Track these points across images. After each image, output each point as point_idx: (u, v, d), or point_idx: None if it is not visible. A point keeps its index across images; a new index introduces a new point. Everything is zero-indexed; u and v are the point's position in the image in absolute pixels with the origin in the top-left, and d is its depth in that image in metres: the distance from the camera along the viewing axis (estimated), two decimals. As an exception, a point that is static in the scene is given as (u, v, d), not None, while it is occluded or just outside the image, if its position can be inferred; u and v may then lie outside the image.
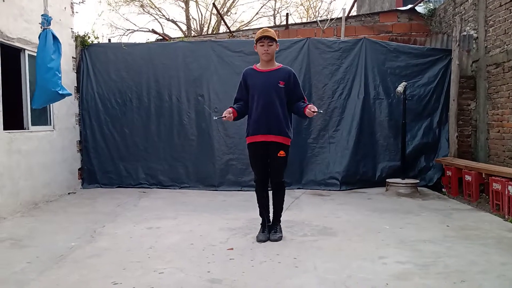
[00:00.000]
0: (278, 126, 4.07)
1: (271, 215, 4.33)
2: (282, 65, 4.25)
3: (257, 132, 4.10)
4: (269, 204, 4.30)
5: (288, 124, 4.17)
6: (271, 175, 4.20)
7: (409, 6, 9.25)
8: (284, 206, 4.37)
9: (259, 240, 4.12)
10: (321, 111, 4.19)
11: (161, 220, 5.10)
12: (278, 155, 4.09)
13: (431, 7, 9.00)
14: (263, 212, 4.28)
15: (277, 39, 4.17)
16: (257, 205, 4.31)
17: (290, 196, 6.47)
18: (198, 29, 20.71)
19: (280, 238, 4.17)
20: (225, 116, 4.06)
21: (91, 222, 5.03)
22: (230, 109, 4.12)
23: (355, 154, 7.11)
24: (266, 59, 4.13)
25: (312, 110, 3.96)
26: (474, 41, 7.12)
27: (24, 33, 5.76)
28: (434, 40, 8.24)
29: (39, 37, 5.32)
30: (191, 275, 3.35)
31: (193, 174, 7.36)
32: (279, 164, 4.13)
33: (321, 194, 6.73)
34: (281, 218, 4.35)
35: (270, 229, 4.25)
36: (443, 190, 6.83)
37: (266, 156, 4.15)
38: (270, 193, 4.30)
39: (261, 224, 4.30)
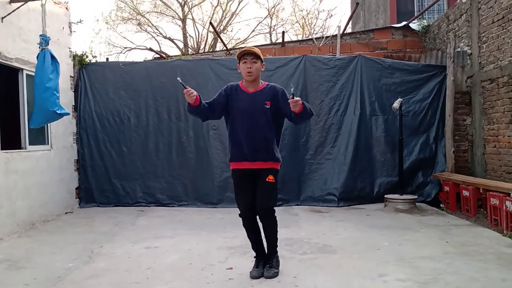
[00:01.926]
0: (265, 150, 3.67)
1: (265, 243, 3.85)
2: (267, 83, 3.84)
3: (242, 158, 3.69)
4: (261, 235, 3.81)
5: (275, 146, 3.76)
6: (257, 203, 3.64)
7: (404, 23, 9.39)
8: (284, 224, 4.29)
9: (252, 277, 3.66)
10: (292, 90, 3.51)
11: (159, 239, 5.06)
12: (267, 179, 3.64)
13: (425, 24, 9.13)
14: (255, 246, 3.81)
15: (262, 57, 3.74)
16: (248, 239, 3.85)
17: (289, 213, 6.47)
18: (195, 46, 20.91)
19: (275, 275, 3.68)
20: (187, 89, 3.58)
21: (88, 242, 5.00)
22: (196, 93, 3.63)
23: (352, 170, 7.13)
24: (250, 80, 3.70)
25: (291, 101, 3.45)
26: (468, 57, 7.21)
27: (22, 53, 5.80)
28: (429, 56, 8.34)
29: (37, 57, 5.35)
30: (190, 295, 3.32)
31: (192, 192, 7.34)
32: (267, 190, 3.65)
33: (319, 211, 6.72)
34: (277, 246, 3.85)
35: (266, 263, 3.76)
36: (441, 205, 6.84)
37: (253, 182, 3.70)
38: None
39: (254, 257, 3.84)
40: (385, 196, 6.82)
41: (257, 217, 3.74)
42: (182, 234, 5.31)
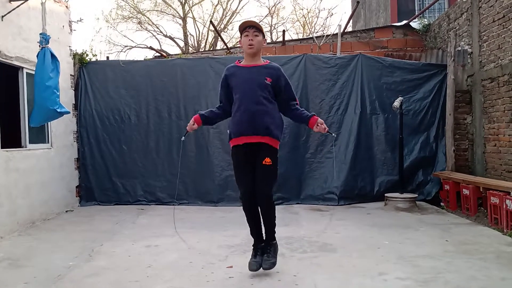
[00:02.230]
0: (265, 125, 3.57)
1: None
2: (269, 61, 3.76)
3: (240, 133, 3.61)
4: (261, 221, 3.78)
5: (278, 124, 3.68)
6: (256, 188, 3.61)
7: (404, 21, 9.39)
8: (284, 222, 4.29)
9: (251, 269, 3.63)
10: (334, 135, 3.69)
11: (160, 238, 5.07)
12: (263, 162, 3.57)
13: (426, 22, 9.13)
14: (254, 230, 3.78)
15: (264, 32, 3.73)
16: (247, 224, 3.83)
17: (289, 211, 6.47)
18: (196, 45, 20.90)
19: (272, 265, 3.65)
20: (187, 131, 3.74)
21: (89, 240, 5.00)
22: (192, 120, 3.74)
23: (353, 169, 7.13)
24: (251, 53, 3.62)
25: (323, 126, 3.59)
26: (468, 56, 7.21)
27: (22, 51, 5.80)
28: (429, 55, 8.34)
29: (37, 56, 5.35)
30: (190, 294, 3.32)
31: (192, 191, 7.34)
32: (264, 174, 3.60)
33: (319, 209, 6.72)
34: (275, 236, 3.82)
35: (263, 252, 3.72)
36: (442, 204, 6.84)
37: (253, 163, 3.64)
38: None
39: (253, 246, 3.80)
40: (386, 194, 6.83)
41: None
42: (182, 233, 5.30)
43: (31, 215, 5.86)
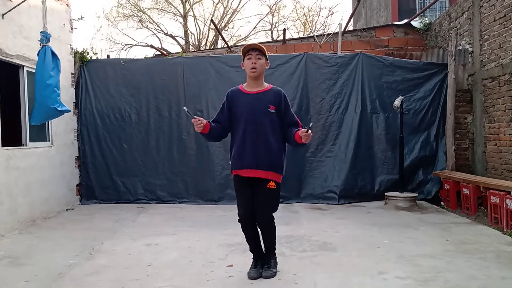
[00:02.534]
0: (269, 158, 3.49)
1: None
2: (272, 85, 3.67)
3: (243, 166, 3.51)
4: (260, 238, 3.69)
5: (282, 156, 3.58)
6: (257, 211, 3.51)
7: (405, 20, 9.37)
8: (284, 221, 4.28)
9: (250, 277, 3.59)
10: (310, 125, 3.41)
11: (160, 237, 5.08)
12: (268, 186, 3.48)
13: (427, 21, 9.11)
14: (254, 248, 3.71)
15: (267, 55, 3.66)
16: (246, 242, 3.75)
17: (289, 210, 6.48)
18: (196, 43, 20.87)
19: (274, 274, 3.62)
20: (195, 119, 3.46)
21: (89, 239, 5.01)
22: (205, 121, 3.50)
23: (353, 168, 7.13)
24: (253, 76, 3.54)
25: (304, 134, 3.34)
26: (469, 55, 7.20)
27: (23, 50, 5.80)
28: (430, 54, 8.33)
29: (38, 54, 5.35)
30: (191, 292, 3.33)
31: (193, 189, 7.35)
32: (267, 198, 3.51)
33: (320, 208, 6.72)
34: (275, 249, 3.78)
35: (264, 264, 3.69)
36: (442, 203, 6.84)
37: (253, 189, 3.55)
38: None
39: (252, 258, 3.75)
40: (386, 193, 6.83)
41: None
42: (182, 231, 5.32)
43: (31, 213, 5.87)
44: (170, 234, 5.18)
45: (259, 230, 3.62)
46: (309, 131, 3.33)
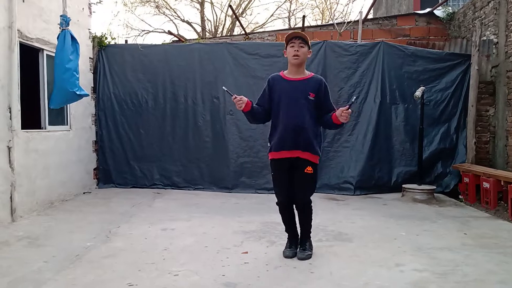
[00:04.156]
0: (307, 141, 3.63)
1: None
2: (313, 73, 3.80)
3: (282, 148, 3.66)
4: (296, 220, 3.87)
5: (319, 140, 3.75)
6: (296, 194, 3.70)
7: (428, 9, 9.16)
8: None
9: (286, 256, 3.77)
10: (353, 98, 3.89)
11: (175, 222, 5.10)
12: (305, 171, 3.63)
13: (450, 11, 8.89)
14: (289, 230, 3.89)
15: (310, 44, 3.74)
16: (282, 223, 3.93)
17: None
18: (213, 30, 20.80)
19: (309, 256, 3.74)
20: (234, 96, 3.58)
21: (106, 222, 5.06)
22: (245, 99, 3.60)
23: (370, 159, 7.04)
24: (295, 63, 3.65)
25: (344, 111, 3.48)
26: (494, 46, 7.00)
27: (43, 33, 5.83)
28: (453, 44, 8.13)
29: (57, 38, 5.38)
30: (206, 278, 3.34)
31: (207, 176, 7.36)
32: (305, 182, 3.67)
33: (335, 199, 6.67)
34: (311, 232, 3.92)
35: (299, 245, 3.84)
36: (460, 197, 6.72)
37: (292, 174, 3.70)
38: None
39: (287, 238, 3.92)
40: (403, 185, 6.74)
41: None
42: (197, 218, 5.34)
43: (49, 195, 5.95)
44: (185, 220, 5.20)
45: (295, 212, 3.81)
46: (349, 109, 3.50)
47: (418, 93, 6.52)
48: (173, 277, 3.35)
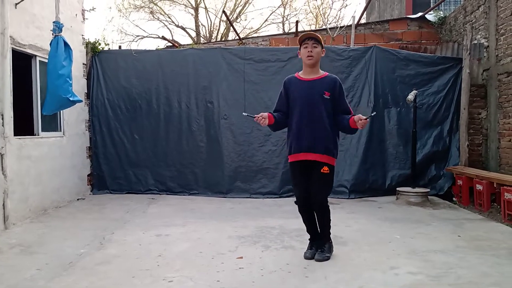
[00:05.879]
0: (323, 143, 3.68)
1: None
2: (327, 73, 3.83)
3: (299, 150, 3.71)
4: (316, 220, 3.91)
5: (335, 140, 3.80)
6: (311, 195, 3.75)
7: (419, 14, 9.23)
8: (294, 214, 4.25)
9: (305, 257, 3.84)
10: (373, 114, 4.01)
11: (170, 227, 5.08)
12: (322, 171, 3.67)
13: (441, 15, 8.97)
14: (310, 229, 3.95)
15: (323, 44, 3.81)
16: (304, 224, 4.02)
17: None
18: (207, 35, 20.83)
19: (326, 258, 3.80)
20: (256, 117, 3.66)
21: (100, 228, 5.03)
22: (265, 114, 3.69)
23: (364, 163, 7.06)
24: (309, 64, 3.72)
25: (363, 120, 3.59)
26: (485, 50, 7.07)
27: (35, 39, 5.82)
28: (445, 48, 8.20)
29: (50, 44, 5.36)
30: (200, 284, 3.32)
31: (202, 181, 7.35)
32: (320, 182, 3.71)
33: (330, 203, 6.56)
34: (330, 233, 3.97)
35: (318, 247, 3.89)
36: (454, 199, 6.76)
37: (309, 173, 3.75)
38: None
39: (309, 239, 4.00)
40: (397, 189, 6.76)
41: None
42: (192, 223, 5.32)
43: (42, 202, 5.91)
44: (180, 225, 5.19)
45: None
46: (362, 118, 3.60)
47: (411, 96, 6.56)
48: (168, 283, 3.34)
